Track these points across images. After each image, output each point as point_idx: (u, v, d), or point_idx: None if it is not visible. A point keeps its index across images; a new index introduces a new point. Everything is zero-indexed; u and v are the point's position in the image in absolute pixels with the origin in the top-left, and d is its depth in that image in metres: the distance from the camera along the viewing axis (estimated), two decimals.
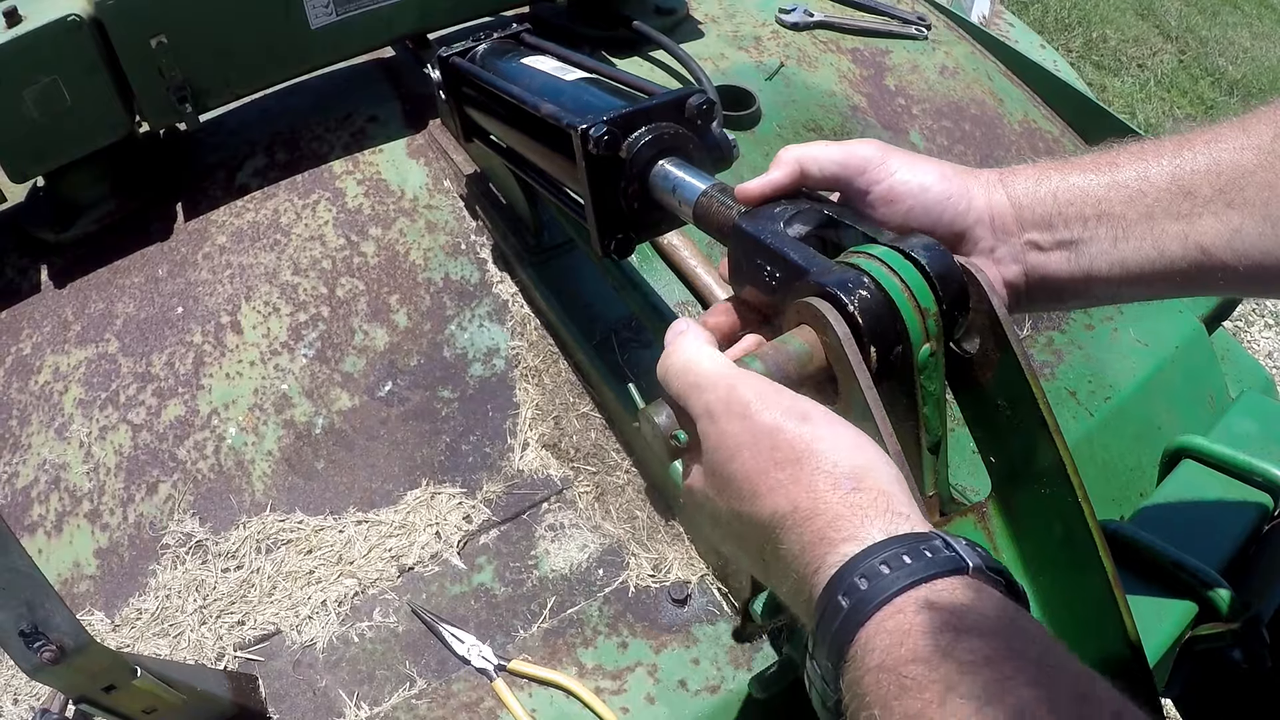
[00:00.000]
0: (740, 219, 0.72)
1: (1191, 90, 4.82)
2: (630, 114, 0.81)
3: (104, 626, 0.99)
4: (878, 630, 0.45)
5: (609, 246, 0.86)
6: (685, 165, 0.82)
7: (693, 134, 0.84)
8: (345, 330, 1.17)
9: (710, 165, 0.84)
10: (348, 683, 0.94)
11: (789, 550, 0.52)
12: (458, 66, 1.07)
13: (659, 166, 0.82)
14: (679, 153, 0.83)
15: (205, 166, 1.34)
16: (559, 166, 0.92)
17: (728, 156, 0.87)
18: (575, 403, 1.15)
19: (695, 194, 0.78)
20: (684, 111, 0.83)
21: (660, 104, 0.83)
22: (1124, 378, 1.27)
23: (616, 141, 0.80)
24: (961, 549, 0.48)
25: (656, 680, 0.95)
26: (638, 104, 0.83)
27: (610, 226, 0.85)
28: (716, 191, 0.77)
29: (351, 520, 1.05)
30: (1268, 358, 3.37)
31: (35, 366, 1.17)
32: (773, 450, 0.54)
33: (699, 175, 0.80)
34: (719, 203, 0.76)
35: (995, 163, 1.52)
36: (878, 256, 0.63)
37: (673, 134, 0.82)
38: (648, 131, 0.81)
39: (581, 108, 0.86)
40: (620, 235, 0.86)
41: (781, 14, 1.65)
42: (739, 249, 0.72)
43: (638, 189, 0.83)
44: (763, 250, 0.69)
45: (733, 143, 0.87)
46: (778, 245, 0.67)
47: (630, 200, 0.84)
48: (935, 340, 0.63)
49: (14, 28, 1.06)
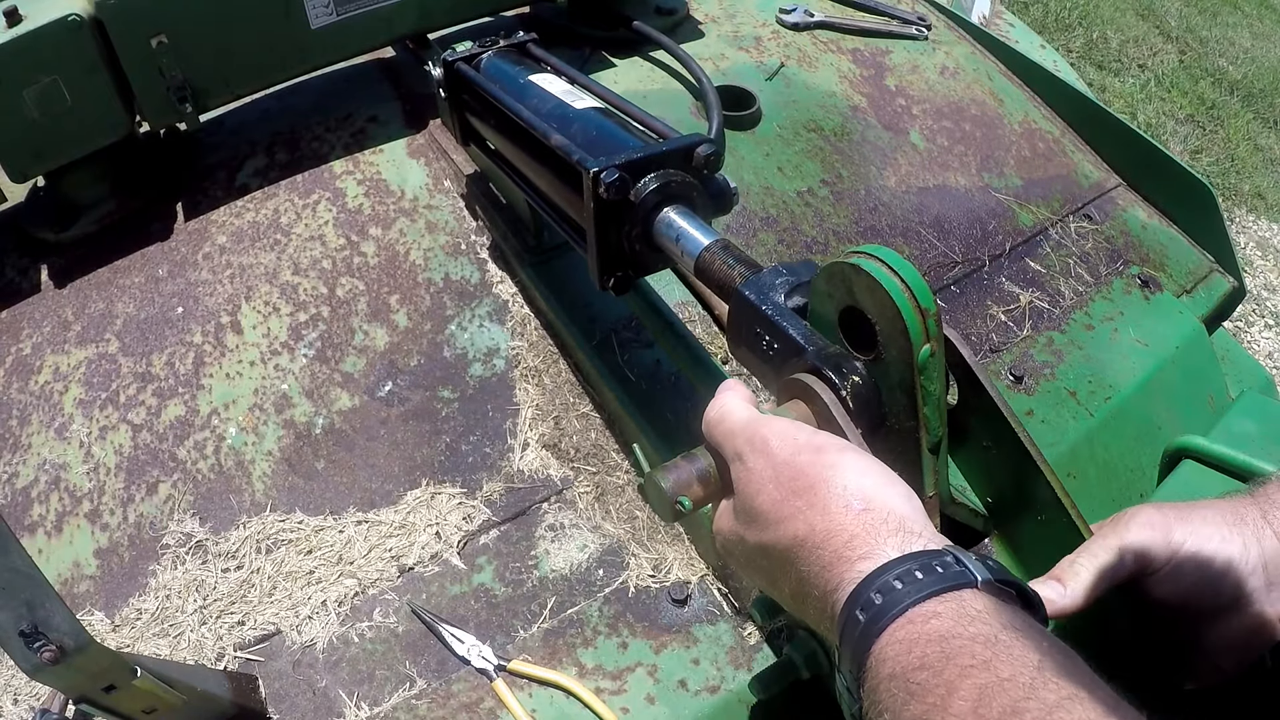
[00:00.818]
0: (742, 286, 0.75)
1: (1192, 90, 4.82)
2: (640, 160, 0.83)
3: (104, 626, 0.99)
4: (890, 641, 0.48)
5: (608, 283, 0.89)
6: (689, 215, 0.84)
7: (698, 182, 0.86)
8: (345, 330, 1.17)
9: (712, 211, 0.87)
10: (348, 683, 0.94)
11: (809, 571, 0.55)
12: (462, 73, 1.08)
13: (664, 214, 0.84)
14: (684, 200, 0.85)
15: (205, 166, 1.34)
16: (562, 194, 0.94)
17: (729, 204, 0.90)
18: (575, 403, 1.15)
19: (698, 249, 0.81)
20: (691, 160, 0.85)
21: (670, 151, 0.85)
22: (1124, 378, 1.27)
23: (626, 187, 0.82)
24: (971, 564, 0.50)
25: (656, 680, 0.95)
26: (649, 149, 0.84)
27: (610, 264, 0.88)
28: (719, 249, 0.79)
29: (351, 520, 1.05)
30: (1268, 358, 3.37)
31: (35, 366, 1.17)
32: (791, 481, 0.58)
33: (702, 229, 0.82)
34: (721, 260, 0.78)
35: (995, 163, 1.52)
36: (878, 257, 0.63)
37: (679, 182, 0.84)
38: (656, 179, 0.83)
39: (591, 144, 0.88)
40: (620, 274, 0.89)
41: (782, 14, 1.65)
42: (739, 314, 0.75)
43: (641, 232, 0.86)
44: (762, 320, 0.72)
45: (734, 189, 0.89)
46: (777, 319, 0.71)
47: (633, 242, 0.86)
48: (935, 341, 0.63)
49: (14, 27, 1.06)
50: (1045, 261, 1.41)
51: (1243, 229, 4.02)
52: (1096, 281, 1.41)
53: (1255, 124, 4.70)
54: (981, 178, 1.50)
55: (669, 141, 0.87)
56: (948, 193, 1.46)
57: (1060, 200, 1.51)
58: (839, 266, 0.65)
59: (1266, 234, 4.05)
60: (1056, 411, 1.21)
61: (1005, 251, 1.40)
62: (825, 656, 0.90)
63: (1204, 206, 1.50)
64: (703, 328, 1.17)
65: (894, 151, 1.48)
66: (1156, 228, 1.54)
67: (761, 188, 1.35)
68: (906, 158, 1.48)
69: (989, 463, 0.72)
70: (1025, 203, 1.48)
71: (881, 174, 1.44)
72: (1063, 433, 1.19)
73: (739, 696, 0.95)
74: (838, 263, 0.66)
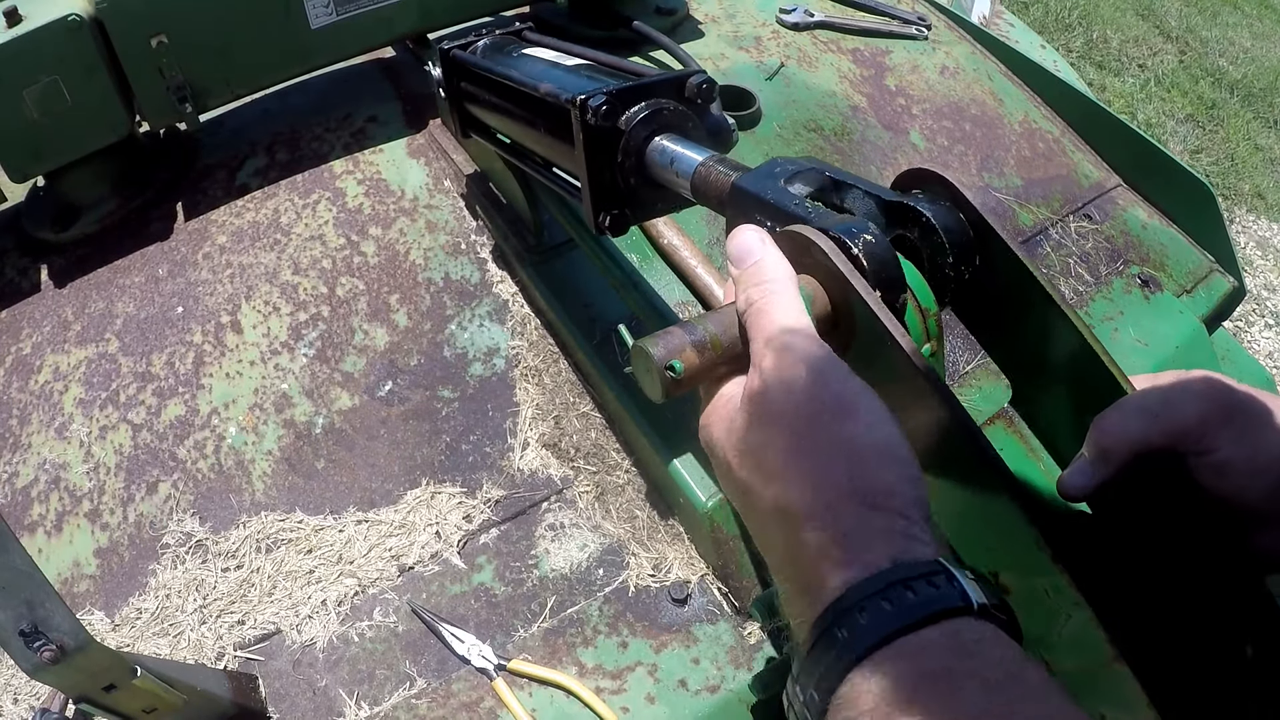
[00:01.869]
0: (738, 180, 0.69)
1: (1192, 90, 4.82)
2: (630, 88, 0.80)
3: (104, 626, 0.99)
4: (874, 672, 0.44)
5: (603, 222, 0.84)
6: (684, 140, 0.80)
7: (692, 113, 0.82)
8: (345, 330, 1.17)
9: (709, 146, 0.83)
10: (348, 682, 0.94)
11: (792, 551, 0.51)
12: (457, 58, 1.07)
13: (656, 142, 0.81)
14: (677, 130, 0.81)
15: (206, 166, 1.34)
16: (557, 149, 0.90)
17: (727, 140, 0.85)
18: (575, 402, 1.15)
19: (693, 166, 0.76)
20: (684, 90, 0.82)
21: (660, 81, 0.82)
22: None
23: (615, 113, 0.79)
24: (965, 584, 0.46)
25: (656, 680, 0.95)
26: (638, 80, 0.82)
27: (605, 202, 0.83)
28: (714, 162, 0.75)
29: (351, 520, 1.05)
30: (1268, 358, 3.37)
31: (35, 366, 1.17)
32: (812, 434, 0.52)
33: (697, 149, 0.78)
34: (717, 171, 0.74)
35: (995, 163, 1.52)
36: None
37: (672, 111, 0.81)
38: (647, 107, 0.80)
39: (581, 87, 0.85)
40: (615, 211, 0.84)
41: (782, 14, 1.65)
42: (738, 210, 0.69)
43: (635, 164, 0.82)
44: (763, 206, 0.66)
45: (732, 126, 0.85)
46: (778, 200, 0.65)
47: (626, 176, 0.82)
48: (936, 341, 0.63)
49: (14, 27, 1.06)
50: (1045, 261, 1.41)
51: (1243, 229, 4.02)
52: (1097, 281, 1.41)
53: (1255, 124, 4.70)
54: (981, 177, 1.50)
55: (660, 73, 0.84)
56: None
57: (1060, 200, 1.51)
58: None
59: (1266, 234, 4.05)
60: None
61: None
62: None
63: (1204, 206, 1.50)
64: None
65: (894, 151, 1.48)
66: (1156, 227, 1.54)
67: None
68: (907, 158, 1.48)
69: (1009, 321, 0.64)
70: (1025, 202, 1.48)
71: (882, 174, 1.44)
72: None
73: (739, 696, 0.95)
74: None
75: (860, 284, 0.57)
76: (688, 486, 1.02)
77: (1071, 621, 0.53)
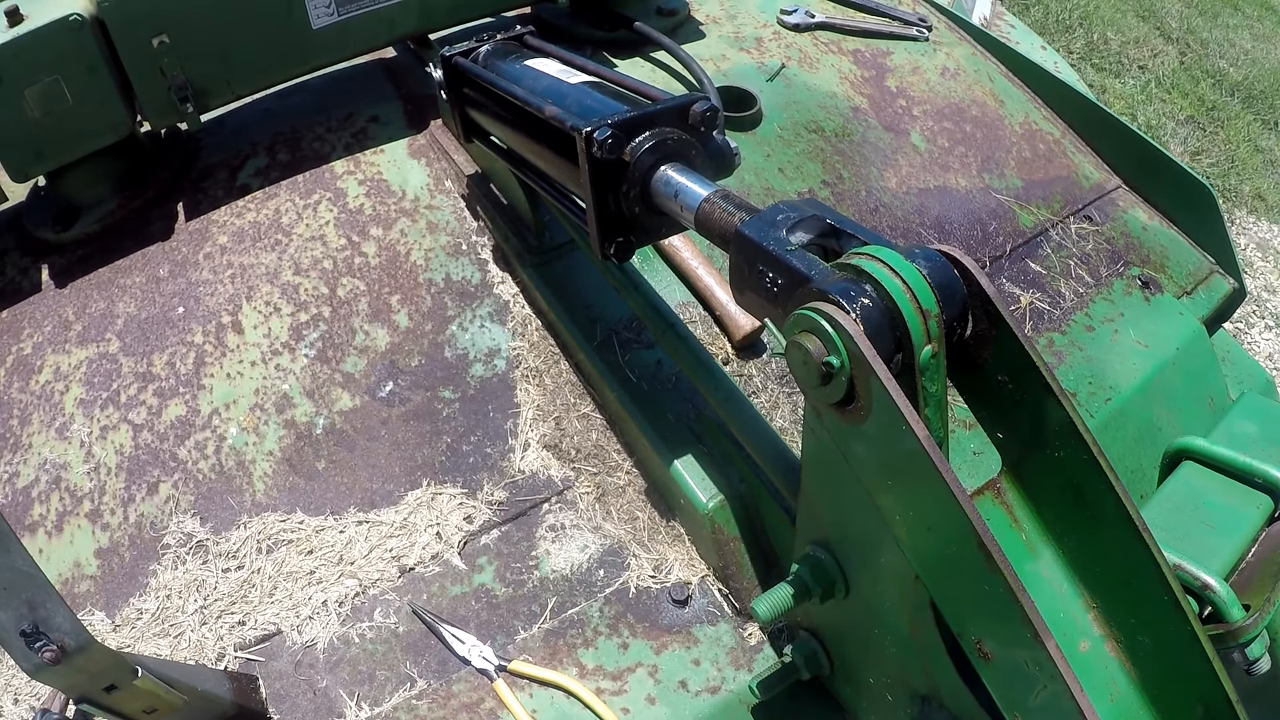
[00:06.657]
0: (742, 226, 0.72)
1: (1192, 92, 4.82)
2: (634, 118, 0.81)
3: (104, 626, 0.99)
4: None
5: (608, 250, 0.87)
6: (688, 171, 0.82)
7: (696, 140, 0.85)
8: (346, 330, 1.17)
9: (713, 172, 0.85)
10: (348, 683, 0.94)
11: None
12: (460, 66, 1.08)
13: (661, 172, 0.83)
14: (682, 159, 0.84)
15: (207, 166, 1.34)
16: (561, 169, 0.92)
17: (730, 164, 0.88)
18: (576, 403, 1.15)
19: (697, 200, 0.79)
20: (688, 118, 0.84)
21: (664, 109, 0.83)
22: (1124, 379, 1.27)
23: (620, 145, 0.80)
24: None
25: (657, 681, 0.95)
26: (642, 109, 0.83)
27: (611, 230, 0.86)
28: (719, 198, 0.77)
29: (352, 521, 1.05)
30: (1268, 359, 3.37)
31: (36, 366, 1.17)
32: None
33: (701, 182, 0.80)
34: (721, 209, 0.76)
35: (996, 164, 1.53)
36: (879, 258, 0.63)
37: (676, 140, 0.83)
38: (651, 136, 0.82)
39: (585, 111, 0.87)
40: (620, 239, 0.87)
41: (783, 15, 1.65)
42: (740, 256, 0.73)
43: (639, 193, 0.84)
44: (765, 257, 0.70)
45: (735, 150, 0.88)
46: (779, 253, 0.68)
47: (631, 204, 0.84)
48: (936, 342, 0.63)
49: (16, 27, 1.06)
50: (1046, 263, 1.41)
51: (1243, 230, 4.02)
52: (1097, 283, 1.41)
53: (1255, 125, 4.70)
54: (982, 179, 1.50)
55: (663, 101, 0.85)
56: (948, 194, 1.46)
57: (1061, 201, 1.51)
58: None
59: (1267, 235, 4.05)
60: None
61: (1006, 253, 1.40)
62: (825, 657, 0.90)
63: (1204, 208, 1.50)
64: (704, 329, 1.17)
65: (895, 152, 1.48)
66: (1157, 229, 1.54)
67: (762, 189, 1.35)
68: (907, 159, 1.48)
69: (1005, 400, 0.69)
70: (1026, 204, 1.48)
71: (882, 175, 1.44)
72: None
73: (740, 697, 0.95)
74: (838, 263, 0.65)
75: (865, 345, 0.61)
76: (688, 487, 1.02)
77: (1046, 691, 0.59)
